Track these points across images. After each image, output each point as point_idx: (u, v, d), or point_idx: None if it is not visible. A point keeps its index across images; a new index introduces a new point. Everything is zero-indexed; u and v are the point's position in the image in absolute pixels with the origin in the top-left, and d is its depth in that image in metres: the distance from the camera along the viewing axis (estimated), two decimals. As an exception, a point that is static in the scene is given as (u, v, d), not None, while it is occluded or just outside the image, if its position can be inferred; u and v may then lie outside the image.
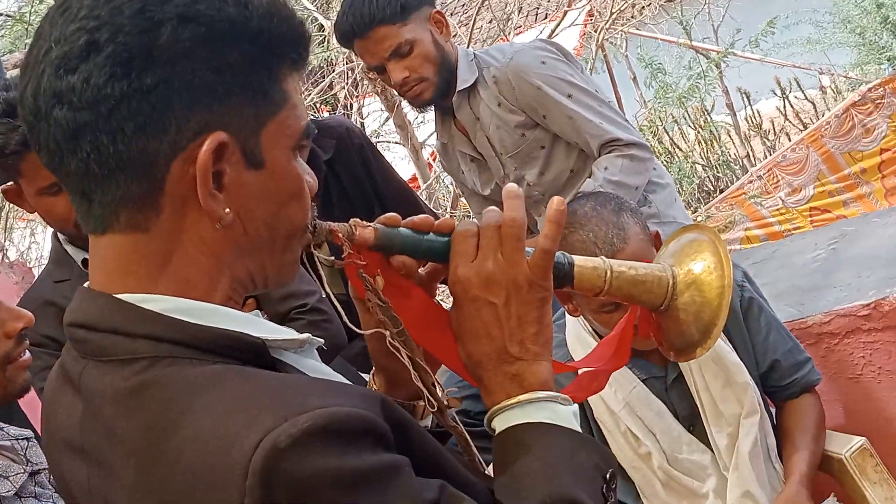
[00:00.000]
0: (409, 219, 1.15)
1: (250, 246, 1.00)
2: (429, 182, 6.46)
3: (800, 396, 2.21)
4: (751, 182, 7.14)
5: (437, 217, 1.18)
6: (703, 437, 2.12)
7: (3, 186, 2.18)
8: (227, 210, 0.96)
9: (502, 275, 1.09)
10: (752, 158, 8.84)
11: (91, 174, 0.93)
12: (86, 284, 1.02)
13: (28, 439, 1.77)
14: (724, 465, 2.09)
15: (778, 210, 6.76)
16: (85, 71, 0.90)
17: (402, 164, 7.93)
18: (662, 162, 9.13)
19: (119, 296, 0.97)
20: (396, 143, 7.72)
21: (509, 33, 8.47)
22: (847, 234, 2.93)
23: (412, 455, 0.93)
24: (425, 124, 7.54)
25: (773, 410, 2.22)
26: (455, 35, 9.13)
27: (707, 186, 8.92)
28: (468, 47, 3.64)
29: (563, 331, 2.22)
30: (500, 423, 1.09)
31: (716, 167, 8.95)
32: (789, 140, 8.05)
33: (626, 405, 2.11)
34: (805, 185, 6.78)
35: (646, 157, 2.72)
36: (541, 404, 1.09)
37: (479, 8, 6.86)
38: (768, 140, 8.94)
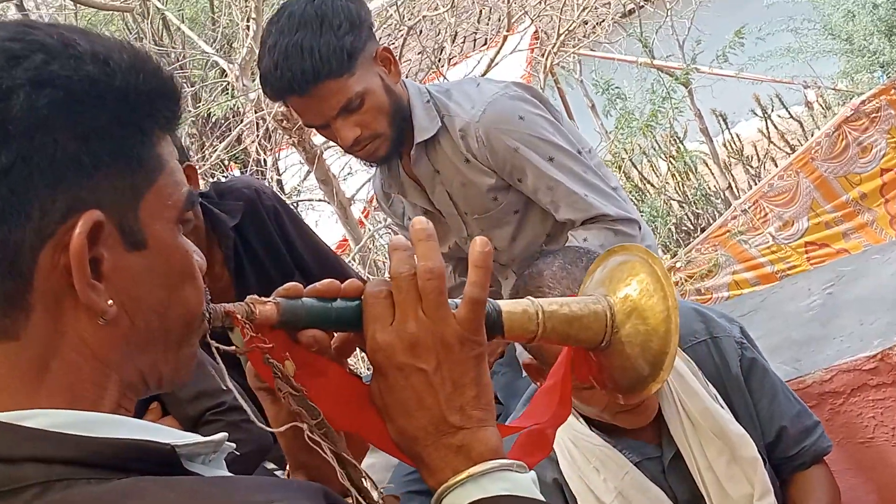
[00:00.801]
0: (311, 286, 1.16)
1: (140, 341, 0.99)
2: (362, 243, 6.45)
3: (810, 468, 2.22)
4: (735, 217, 7.21)
5: (364, 283, 1.19)
6: None
7: None
8: (110, 302, 0.94)
9: (428, 335, 1.11)
10: (734, 190, 8.98)
11: None
12: None
13: None
14: None
15: (769, 248, 6.84)
16: None
17: (329, 224, 7.93)
18: (632, 199, 9.25)
19: None
20: (320, 200, 7.73)
21: (443, 66, 8.55)
22: (844, 274, 2.96)
23: None
24: (353, 176, 7.56)
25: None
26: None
27: (686, 226, 9.03)
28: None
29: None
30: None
31: (694, 202, 9.06)
32: (776, 166, 8.17)
33: (618, 495, 2.12)
34: (798, 216, 6.87)
35: (633, 234, 2.73)
36: (495, 475, 1.10)
37: (406, 38, 6.89)
38: (752, 168, 9.10)
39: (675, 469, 2.14)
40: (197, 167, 2.85)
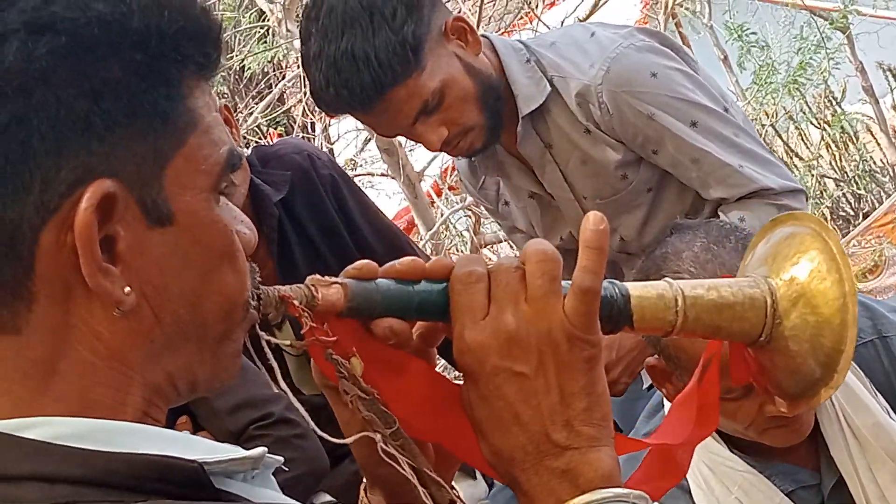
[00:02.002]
0: (388, 265, 1.18)
1: (168, 337, 1.01)
2: (434, 229, 6.49)
3: None
4: (905, 202, 7.18)
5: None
6: None
7: None
8: (127, 289, 0.96)
9: (529, 331, 1.12)
10: (906, 165, 8.89)
11: None
12: None
13: None
14: None
15: (951, 240, 6.77)
16: None
17: (392, 206, 7.99)
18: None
19: None
20: (383, 174, 7.77)
21: (536, 6, 8.56)
22: None
23: None
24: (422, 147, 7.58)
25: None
26: (458, 12, 9.19)
27: (844, 210, 8.97)
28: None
29: (659, 418, 2.28)
30: None
31: (854, 181, 8.98)
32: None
33: None
34: None
35: (800, 207, 2.75)
36: None
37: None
38: (930, 137, 9.00)
39: (837, 499, 2.18)
40: (234, 118, 2.89)
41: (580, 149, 2.81)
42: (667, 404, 2.24)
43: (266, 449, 1.08)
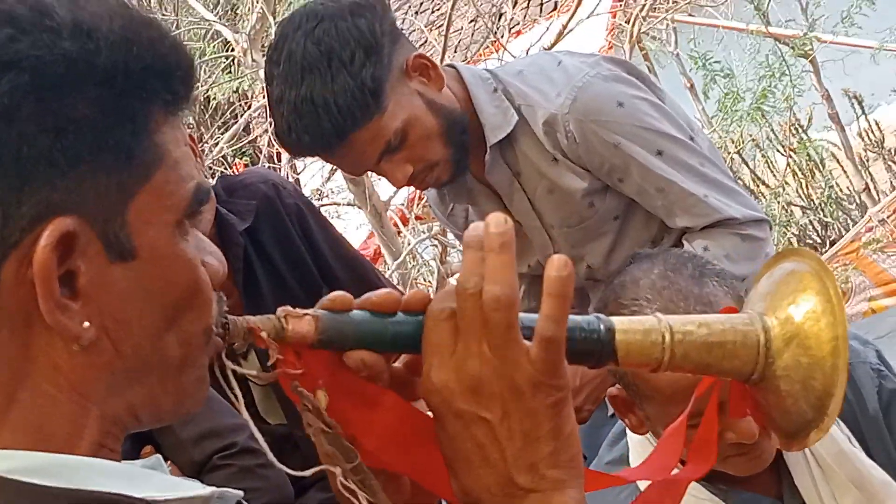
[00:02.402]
0: (364, 296, 1.17)
1: (129, 370, 1.03)
2: (400, 258, 6.52)
3: None
4: (871, 229, 7.24)
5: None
6: None
7: None
8: (86, 324, 0.98)
9: (493, 377, 1.11)
10: (873, 192, 8.95)
11: None
12: None
13: None
14: None
15: (916, 269, 6.81)
16: None
17: (359, 236, 8.01)
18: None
19: None
20: (348, 204, 7.79)
21: (502, 35, 8.60)
22: None
23: None
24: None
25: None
26: (424, 42, 9.24)
27: (811, 237, 9.05)
28: (442, 60, 3.60)
29: (622, 446, 2.29)
30: None
31: (821, 208, 9.06)
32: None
33: None
34: (951, 229, 6.89)
35: (764, 237, 2.78)
36: None
37: (454, 1, 6.96)
38: (895, 164, 9.07)
39: None
40: (198, 148, 2.91)
41: (547, 178, 2.83)
42: (629, 433, 2.25)
43: (215, 488, 1.08)
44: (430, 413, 1.18)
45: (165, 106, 1.04)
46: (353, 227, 8.32)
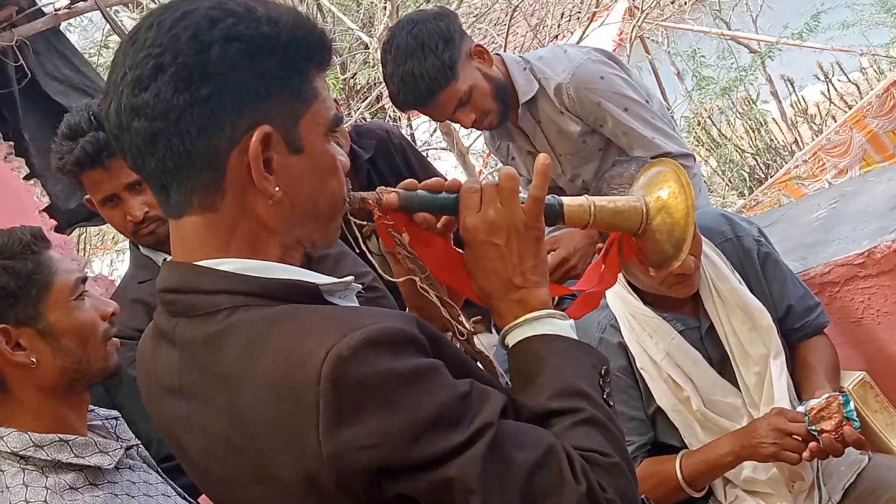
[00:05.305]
0: (423, 182, 1.32)
1: (298, 217, 1.15)
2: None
3: (812, 337, 2.36)
4: (797, 167, 7.19)
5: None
6: (732, 379, 2.27)
7: (86, 197, 2.47)
8: (277, 189, 1.11)
9: (502, 220, 1.25)
10: (799, 143, 8.86)
11: (167, 170, 1.11)
12: (169, 258, 1.20)
13: (116, 418, 1.97)
14: (751, 402, 2.24)
15: (824, 192, 6.77)
16: (155, 88, 1.07)
17: (453, 173, 8.09)
18: (710, 151, 9.25)
19: (198, 262, 1.14)
20: (444, 149, 7.89)
21: (543, 38, 8.61)
22: (846, 193, 3.10)
23: (445, 361, 1.09)
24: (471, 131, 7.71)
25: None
26: (493, 43, 9.27)
27: (757, 174, 8.97)
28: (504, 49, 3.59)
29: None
30: (511, 339, 1.26)
31: (764, 154, 9.02)
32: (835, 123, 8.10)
33: (666, 355, 2.26)
34: (851, 166, 6.78)
35: (690, 165, 2.84)
36: (543, 320, 1.25)
37: (512, 16, 7.04)
38: (815, 125, 8.98)
39: (709, 336, 2.29)
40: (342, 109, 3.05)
41: (557, 124, 2.93)
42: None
43: (353, 277, 1.26)
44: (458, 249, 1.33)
45: (319, 66, 1.17)
46: (452, 167, 8.38)
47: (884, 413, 2.24)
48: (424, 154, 3.34)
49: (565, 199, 1.38)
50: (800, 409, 2.05)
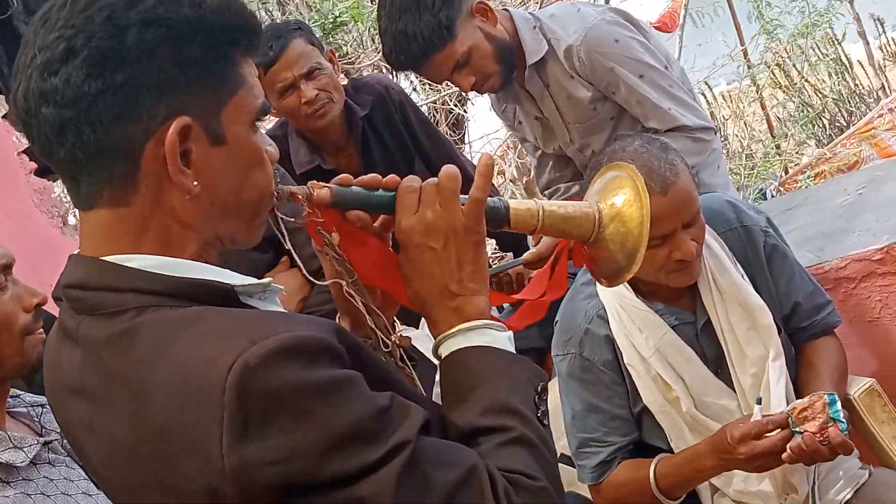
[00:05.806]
0: (359, 178, 1.28)
1: (218, 213, 1.14)
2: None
3: (820, 338, 2.23)
4: (881, 116, 6.85)
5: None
6: (727, 380, 2.17)
7: None
8: (195, 183, 1.10)
9: (440, 222, 1.23)
10: (887, 90, 8.46)
11: (77, 161, 1.08)
12: (75, 252, 1.18)
13: (42, 405, 1.95)
14: (747, 405, 2.13)
15: (912, 145, 6.43)
16: (65, 73, 1.04)
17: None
18: (790, 97, 8.86)
19: (105, 258, 1.12)
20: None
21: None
22: (876, 178, 2.95)
23: (365, 372, 1.07)
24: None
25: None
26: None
27: (839, 122, 8.60)
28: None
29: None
30: (445, 350, 1.24)
31: (848, 100, 8.62)
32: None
33: (656, 351, 2.17)
34: (943, 116, 6.48)
35: (709, 139, 2.76)
36: (479, 331, 1.23)
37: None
38: (906, 70, 8.57)
39: (705, 332, 2.18)
40: (336, 60, 2.99)
41: (566, 89, 2.81)
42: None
43: (272, 279, 1.22)
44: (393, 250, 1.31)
45: (245, 50, 1.15)
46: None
47: (891, 424, 2.10)
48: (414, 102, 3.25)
49: (512, 202, 1.35)
50: (783, 409, 1.94)
